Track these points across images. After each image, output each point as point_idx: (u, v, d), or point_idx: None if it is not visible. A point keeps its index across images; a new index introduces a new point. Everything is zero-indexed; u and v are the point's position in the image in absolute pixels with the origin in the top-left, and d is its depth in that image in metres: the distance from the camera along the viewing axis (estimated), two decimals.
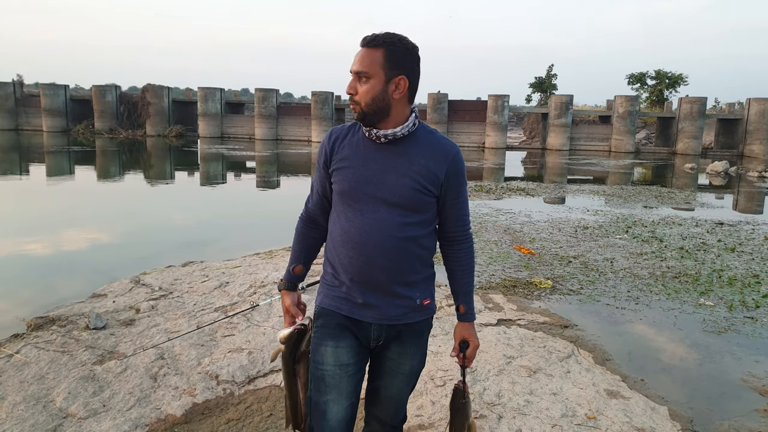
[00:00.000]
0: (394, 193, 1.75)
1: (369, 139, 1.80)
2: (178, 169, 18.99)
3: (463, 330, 1.95)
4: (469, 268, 1.95)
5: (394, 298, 1.82)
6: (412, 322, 1.87)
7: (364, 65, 1.71)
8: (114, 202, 11.54)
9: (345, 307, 1.83)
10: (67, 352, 3.63)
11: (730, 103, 33.54)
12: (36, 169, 17.04)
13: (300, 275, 2.04)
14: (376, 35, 1.72)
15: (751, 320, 4.82)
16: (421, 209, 1.80)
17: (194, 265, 6.00)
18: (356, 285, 1.81)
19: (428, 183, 1.77)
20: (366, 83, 1.72)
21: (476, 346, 1.94)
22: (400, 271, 1.79)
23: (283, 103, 35.05)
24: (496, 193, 12.79)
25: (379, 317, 1.82)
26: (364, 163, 1.78)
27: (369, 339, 1.85)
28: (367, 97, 1.72)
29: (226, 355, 3.65)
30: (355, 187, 1.78)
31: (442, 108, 30.76)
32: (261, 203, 12.32)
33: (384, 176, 1.76)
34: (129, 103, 33.84)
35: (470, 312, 1.95)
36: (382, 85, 1.71)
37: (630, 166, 22.89)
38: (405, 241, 1.78)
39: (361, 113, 1.74)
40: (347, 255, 1.80)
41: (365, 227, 1.77)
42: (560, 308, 5.00)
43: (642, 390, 3.48)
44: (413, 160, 1.77)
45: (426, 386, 3.32)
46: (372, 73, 1.71)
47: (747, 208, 12.45)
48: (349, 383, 1.83)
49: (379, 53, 1.70)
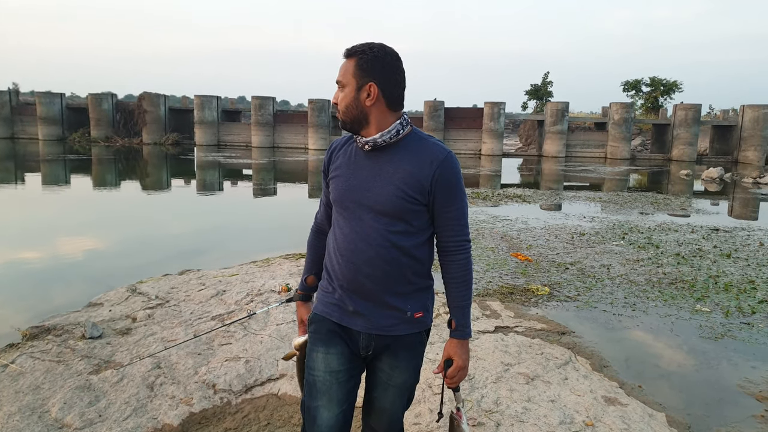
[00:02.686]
0: (378, 201, 1.76)
1: (359, 148, 1.83)
2: (175, 177, 18.97)
3: (449, 347, 1.84)
4: (463, 281, 1.84)
5: (385, 308, 1.81)
6: (403, 335, 1.83)
7: (340, 74, 1.79)
8: (110, 211, 11.51)
9: (336, 314, 1.84)
10: (63, 361, 3.62)
11: (724, 110, 33.80)
12: (31, 178, 17.00)
13: (313, 286, 2.09)
14: (353, 46, 1.78)
15: (748, 326, 4.83)
16: (408, 217, 1.76)
17: (191, 273, 5.98)
18: (347, 293, 1.82)
19: (412, 190, 1.73)
20: (342, 90, 1.78)
21: (459, 367, 1.82)
22: (389, 280, 1.78)
23: (280, 111, 35.10)
24: (493, 199, 12.80)
25: (368, 326, 1.82)
26: (354, 171, 1.81)
27: (358, 347, 1.85)
28: (342, 105, 1.79)
29: (223, 363, 3.64)
30: (344, 195, 1.81)
31: (438, 115, 30.84)
32: (258, 211, 12.31)
33: (370, 184, 1.77)
34: (125, 111, 33.84)
35: (461, 328, 1.83)
36: (354, 93, 1.76)
37: (626, 172, 22.97)
38: (391, 250, 1.76)
39: (342, 121, 1.80)
40: (338, 262, 1.83)
41: (352, 235, 1.79)
42: (557, 315, 5.00)
43: (639, 396, 3.48)
44: (398, 167, 1.76)
45: (424, 394, 3.31)
46: (345, 82, 1.77)
47: (742, 214, 12.49)
48: (339, 390, 1.82)
49: (352, 62, 1.76)
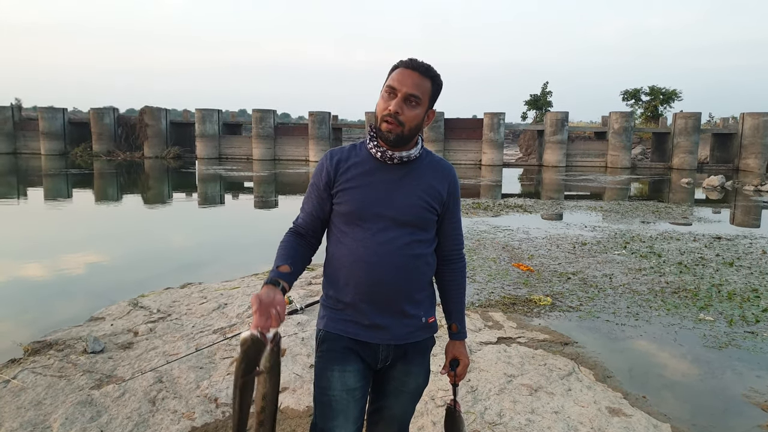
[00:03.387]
0: (402, 212, 1.79)
1: (375, 159, 1.82)
2: (176, 190, 19.01)
3: (455, 348, 1.98)
4: (463, 287, 2.00)
5: (403, 317, 1.83)
6: (418, 341, 1.89)
7: (419, 90, 1.75)
8: (112, 225, 11.52)
9: (351, 330, 1.82)
10: (65, 376, 3.61)
11: (724, 117, 33.78)
12: (34, 192, 17.05)
13: (286, 274, 1.76)
14: (427, 65, 1.78)
15: (752, 335, 4.81)
16: (428, 227, 1.85)
17: (193, 286, 5.98)
18: (365, 306, 1.80)
19: (434, 201, 1.83)
20: (416, 108, 1.75)
21: (467, 364, 1.99)
22: (409, 289, 1.82)
23: (281, 124, 35.20)
24: (494, 210, 12.80)
25: (388, 337, 1.82)
26: (372, 183, 1.80)
27: (377, 360, 1.85)
28: (413, 122, 1.76)
29: (225, 377, 3.63)
30: (364, 207, 1.78)
31: (438, 126, 30.91)
32: (259, 223, 12.32)
33: (392, 195, 1.79)
34: (127, 125, 33.98)
35: (463, 330, 1.99)
36: (424, 113, 1.78)
37: (627, 181, 22.98)
38: (414, 259, 1.81)
39: (399, 134, 1.75)
40: (356, 275, 1.79)
41: (376, 246, 1.77)
42: (560, 325, 4.99)
43: (644, 407, 3.46)
44: (419, 179, 1.82)
45: (427, 407, 3.29)
46: (423, 100, 1.76)
47: (744, 222, 12.48)
48: (355, 408, 1.81)
49: (428, 83, 1.77)
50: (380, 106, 1.77)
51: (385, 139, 1.77)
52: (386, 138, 1.76)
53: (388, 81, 1.77)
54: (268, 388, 1.56)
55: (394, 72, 1.77)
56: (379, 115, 1.77)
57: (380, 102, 1.78)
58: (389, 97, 1.75)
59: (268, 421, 1.59)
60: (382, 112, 1.76)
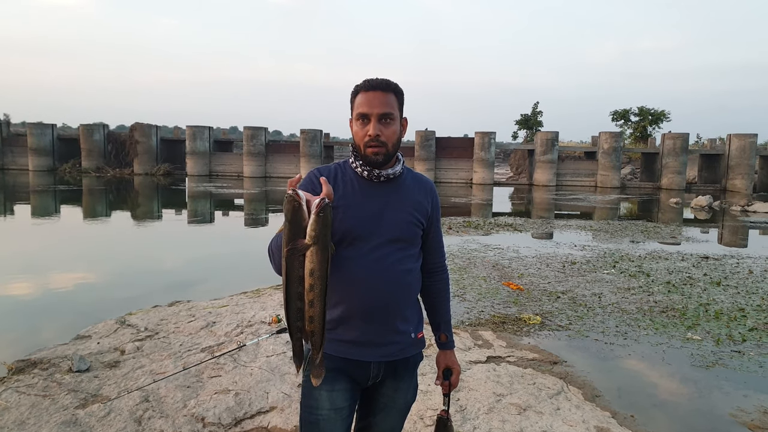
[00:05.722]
0: (393, 228, 1.81)
1: (362, 178, 1.83)
2: (166, 207, 18.93)
3: (446, 358, 2.03)
4: (449, 297, 2.06)
5: (394, 334, 1.84)
6: (408, 356, 1.90)
7: (388, 107, 1.78)
8: (100, 242, 11.45)
9: (342, 349, 1.81)
10: (49, 396, 3.56)
11: (711, 138, 34.30)
12: (21, 209, 16.91)
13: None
14: (386, 80, 1.81)
15: (738, 354, 4.84)
16: (415, 242, 1.89)
17: (181, 304, 5.94)
18: (357, 323, 1.79)
19: (421, 216, 1.88)
20: (391, 124, 1.79)
21: (459, 372, 2.04)
22: (401, 305, 1.84)
23: (272, 141, 35.28)
24: (485, 228, 12.85)
25: (380, 354, 1.82)
26: (362, 201, 1.81)
27: (368, 378, 1.84)
28: (393, 138, 1.80)
29: (213, 396, 3.59)
30: (355, 225, 1.78)
31: (429, 145, 31.10)
32: (249, 241, 12.28)
33: (382, 213, 1.81)
34: (117, 141, 33.91)
35: (452, 340, 2.05)
36: (399, 126, 1.83)
37: (616, 201, 23.16)
38: (407, 275, 1.84)
39: (386, 154, 1.79)
40: (350, 294, 1.78)
41: (369, 264, 1.78)
42: (549, 344, 4.99)
43: (632, 426, 3.46)
44: (406, 195, 1.87)
45: (415, 426, 3.27)
46: (394, 115, 1.80)
47: (731, 242, 12.60)
48: (341, 426, 1.82)
49: (392, 97, 1.80)
50: (358, 134, 1.80)
51: (374, 163, 1.79)
52: (374, 161, 1.79)
53: (357, 109, 1.79)
54: (315, 263, 1.45)
55: (358, 97, 1.80)
56: (361, 143, 1.79)
57: (356, 131, 1.80)
58: (363, 123, 1.78)
59: (318, 302, 1.48)
60: (363, 140, 1.78)
